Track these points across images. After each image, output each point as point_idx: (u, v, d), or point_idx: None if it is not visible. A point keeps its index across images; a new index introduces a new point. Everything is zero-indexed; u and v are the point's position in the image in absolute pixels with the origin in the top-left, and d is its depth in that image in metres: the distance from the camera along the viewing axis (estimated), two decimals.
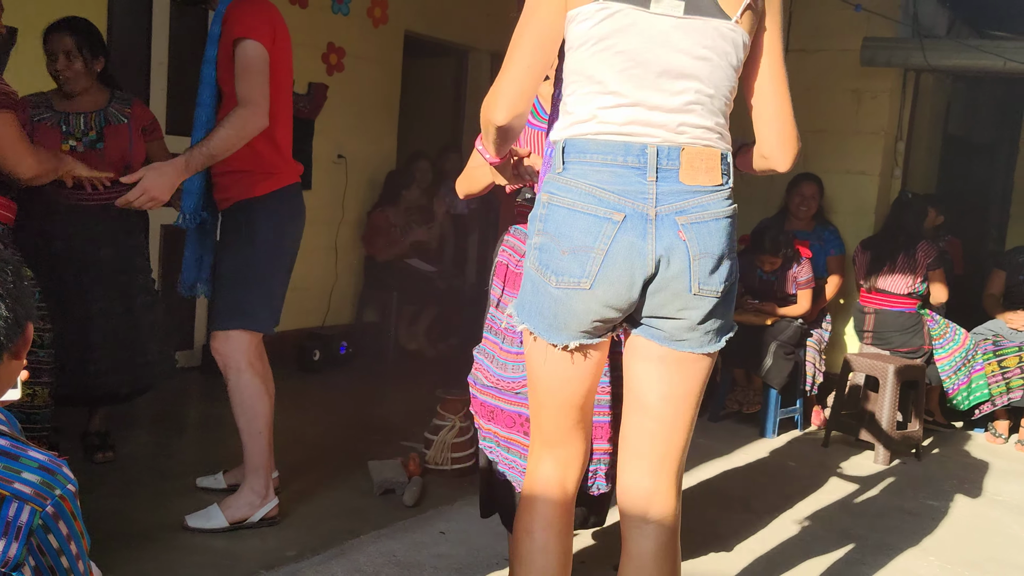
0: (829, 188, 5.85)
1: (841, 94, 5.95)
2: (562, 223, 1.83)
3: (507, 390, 2.51)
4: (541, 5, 1.83)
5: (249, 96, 2.95)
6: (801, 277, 5.26)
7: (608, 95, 1.81)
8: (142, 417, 4.63)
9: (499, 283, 2.62)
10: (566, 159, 1.85)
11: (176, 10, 5.10)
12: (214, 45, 3.08)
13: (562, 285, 1.84)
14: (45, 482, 1.35)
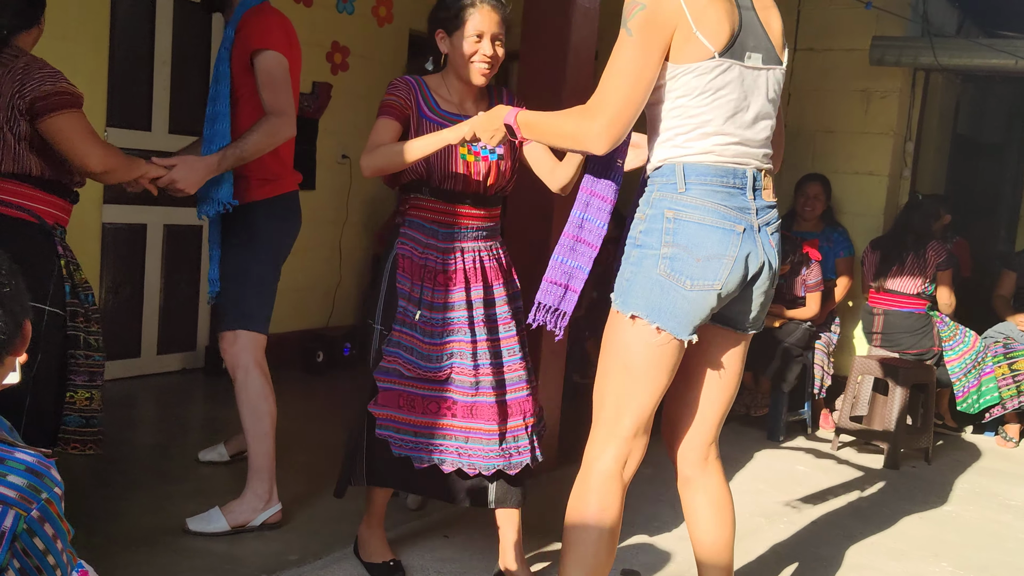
0: (837, 189, 5.81)
1: (849, 94, 5.91)
2: (694, 235, 2.16)
3: (434, 379, 2.71)
4: (653, 53, 2.12)
5: (279, 106, 3.10)
6: (810, 280, 5.21)
7: (720, 135, 2.19)
8: (144, 419, 4.61)
9: (406, 276, 2.75)
10: (687, 181, 2.18)
11: (179, 10, 5.06)
12: (228, 45, 3.18)
13: (696, 288, 2.16)
14: (31, 485, 1.31)
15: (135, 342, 5.11)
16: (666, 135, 2.22)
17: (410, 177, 2.77)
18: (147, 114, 4.99)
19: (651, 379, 2.23)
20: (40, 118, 2.64)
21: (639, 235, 2.24)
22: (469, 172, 2.77)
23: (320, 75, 5.80)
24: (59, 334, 2.71)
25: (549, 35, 3.76)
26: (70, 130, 2.68)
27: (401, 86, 2.79)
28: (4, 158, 2.65)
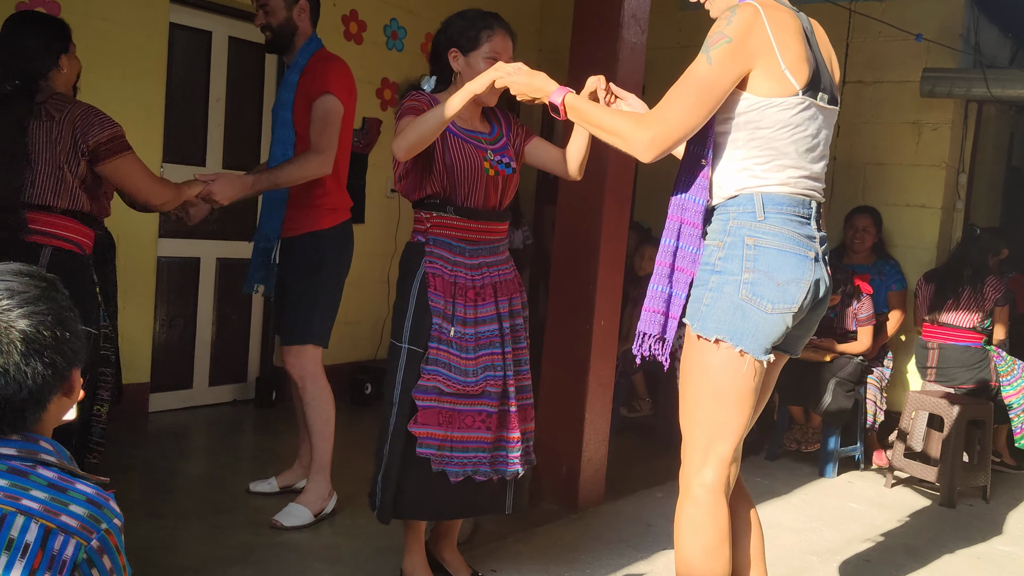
0: (889, 222, 5.74)
1: (900, 126, 5.85)
2: (774, 261, 2.26)
3: (472, 394, 2.79)
4: (726, 85, 2.21)
5: (321, 145, 3.40)
6: (861, 313, 5.14)
7: (795, 168, 2.30)
8: (196, 449, 4.67)
9: (439, 294, 2.82)
10: (766, 210, 2.28)
11: (234, 49, 5.19)
12: (290, 91, 3.49)
13: (776, 311, 2.26)
14: (92, 515, 1.34)
15: (187, 374, 5.19)
16: (743, 164, 2.30)
17: (433, 191, 2.83)
18: (202, 149, 5.11)
19: (740, 401, 2.31)
20: (102, 161, 2.85)
21: (717, 262, 2.30)
22: (489, 188, 2.86)
23: (370, 111, 5.89)
24: (94, 354, 2.89)
25: (596, 70, 3.78)
26: (131, 170, 2.92)
27: (422, 97, 2.84)
28: (61, 196, 2.84)
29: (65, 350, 1.41)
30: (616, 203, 3.86)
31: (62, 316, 1.42)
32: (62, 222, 2.85)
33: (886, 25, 5.69)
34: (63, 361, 1.40)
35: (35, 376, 1.37)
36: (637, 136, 2.23)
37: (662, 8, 6.22)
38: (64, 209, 2.85)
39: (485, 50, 2.84)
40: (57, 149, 2.80)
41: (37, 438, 1.40)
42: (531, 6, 7.04)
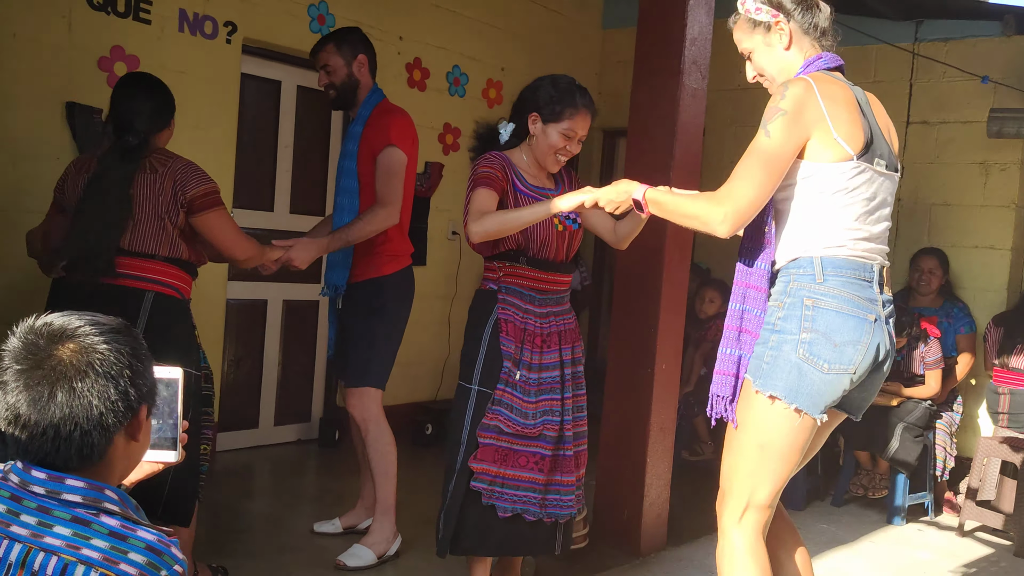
0: (956, 263, 5.64)
1: (967, 167, 5.76)
2: (832, 322, 2.33)
3: (529, 435, 2.92)
4: (787, 155, 2.32)
5: (388, 197, 3.52)
6: (929, 357, 5.05)
7: (853, 231, 2.38)
8: (261, 489, 4.74)
9: (511, 339, 2.96)
10: (825, 273, 2.36)
11: (301, 98, 5.34)
12: (355, 142, 3.62)
13: (832, 371, 2.32)
14: (151, 563, 1.36)
15: (254, 413, 5.29)
16: (803, 228, 2.40)
17: (507, 247, 3.00)
18: (270, 196, 5.25)
19: (787, 456, 2.40)
20: (197, 213, 3.03)
21: (777, 321, 2.39)
22: (559, 242, 3.04)
23: (432, 155, 5.99)
24: (196, 394, 3.06)
25: (657, 115, 3.83)
26: (221, 224, 3.09)
27: (495, 161, 2.98)
28: (162, 244, 3.02)
29: (138, 383, 1.45)
30: (677, 246, 3.87)
31: (138, 352, 1.47)
32: (164, 268, 3.03)
33: (950, 66, 5.64)
34: (135, 394, 1.44)
35: (106, 401, 1.40)
36: (713, 216, 2.35)
37: (725, 51, 6.25)
38: (166, 256, 3.03)
39: (564, 125, 2.99)
40: (160, 200, 2.99)
41: (103, 487, 1.41)
42: (592, 49, 7.12)
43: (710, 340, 5.72)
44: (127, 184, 2.96)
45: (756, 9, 2.50)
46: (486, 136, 3.14)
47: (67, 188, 3.11)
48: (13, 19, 4.03)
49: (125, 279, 2.96)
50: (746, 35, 2.56)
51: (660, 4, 3.85)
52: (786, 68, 2.50)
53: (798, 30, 2.48)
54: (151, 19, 4.49)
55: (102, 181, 2.96)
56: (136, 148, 3.00)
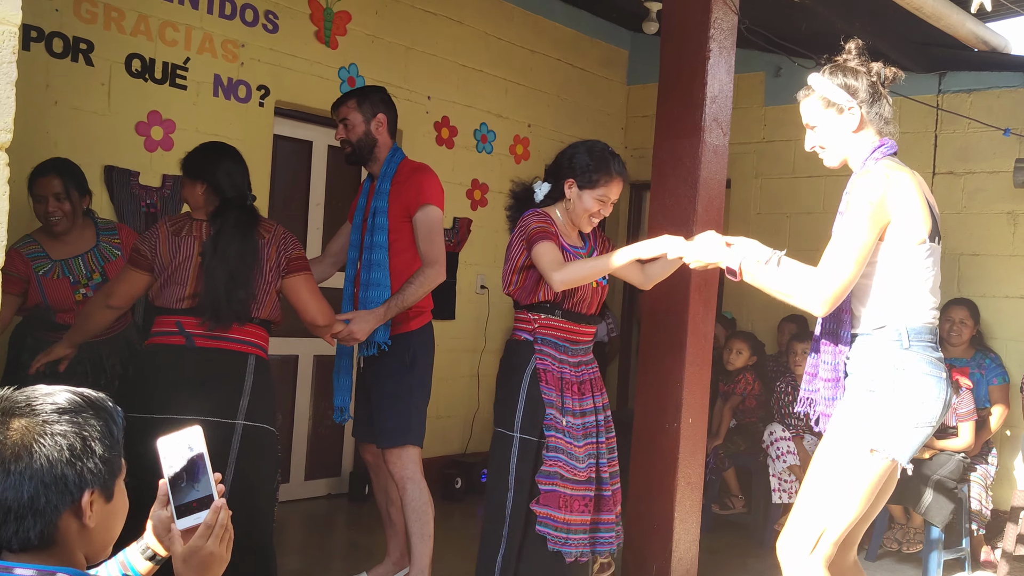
0: (987, 313, 5.60)
1: (995, 216, 5.75)
2: (920, 383, 2.61)
3: (581, 479, 3.06)
4: (872, 236, 2.59)
5: (434, 256, 3.59)
6: (961, 408, 4.99)
7: (926, 302, 2.68)
8: (292, 544, 4.76)
9: (550, 387, 3.09)
10: (911, 339, 2.64)
11: (332, 156, 5.47)
12: (384, 199, 3.66)
13: (921, 424, 2.61)
14: None
15: (285, 468, 5.34)
16: (886, 300, 2.67)
17: (545, 298, 3.15)
18: None
19: (867, 498, 2.66)
20: (289, 275, 3.17)
21: (870, 383, 2.66)
22: (592, 296, 3.20)
23: (460, 211, 6.08)
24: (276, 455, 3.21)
25: (679, 172, 3.88)
26: (309, 288, 3.23)
27: (545, 216, 3.16)
28: (265, 306, 3.15)
29: (80, 467, 1.39)
30: (701, 299, 3.89)
31: (87, 434, 1.41)
32: (258, 331, 3.17)
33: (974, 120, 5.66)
34: (75, 478, 1.39)
35: (38, 485, 1.37)
36: (813, 299, 2.60)
37: (748, 105, 6.33)
38: (263, 320, 3.16)
39: (599, 192, 3.17)
40: (268, 265, 3.13)
41: (54, 571, 1.38)
42: (617, 104, 7.22)
43: (739, 393, 5.70)
44: (254, 249, 3.10)
45: (832, 92, 2.73)
46: (522, 195, 3.30)
47: (159, 250, 3.13)
48: (55, 87, 4.19)
49: (227, 342, 3.09)
50: (817, 112, 2.79)
51: (680, 63, 3.92)
52: (851, 148, 2.76)
53: (866, 116, 2.73)
54: (187, 84, 4.64)
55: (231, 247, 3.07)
56: (254, 213, 3.18)
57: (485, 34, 6.14)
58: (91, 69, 4.30)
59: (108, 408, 1.47)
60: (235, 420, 3.05)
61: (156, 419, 2.82)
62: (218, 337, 3.07)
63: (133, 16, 4.43)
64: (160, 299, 3.14)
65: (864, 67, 2.76)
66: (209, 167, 3.20)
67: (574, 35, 6.80)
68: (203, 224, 3.16)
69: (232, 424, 3.04)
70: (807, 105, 2.80)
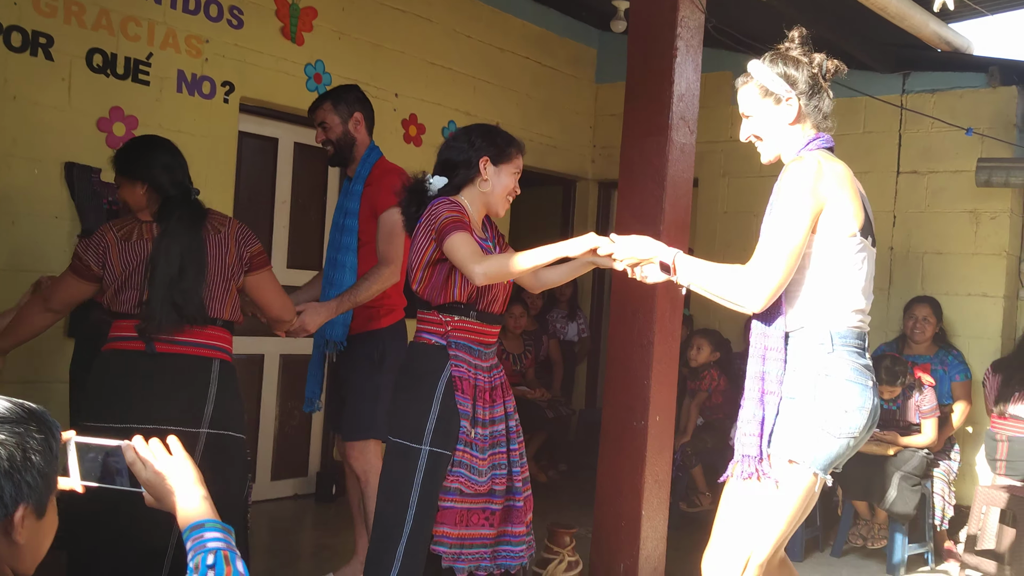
0: (950, 311, 5.67)
1: (958, 215, 5.82)
2: (842, 390, 2.48)
3: (481, 493, 2.85)
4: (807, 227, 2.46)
5: (391, 256, 3.56)
6: (924, 405, 5.05)
7: (854, 303, 2.54)
8: (257, 546, 4.71)
9: (466, 397, 2.84)
10: (834, 343, 2.51)
11: (298, 155, 5.42)
12: (355, 200, 3.66)
13: (842, 435, 2.48)
14: None
15: (251, 468, 5.28)
16: (811, 298, 2.54)
17: (458, 298, 2.85)
18: (268, 251, 5.27)
19: (796, 517, 2.54)
20: (252, 272, 3.06)
21: (790, 389, 2.53)
22: (502, 294, 2.98)
23: None
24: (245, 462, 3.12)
25: (647, 170, 3.88)
26: (271, 284, 3.14)
27: (456, 205, 2.88)
28: (226, 306, 3.02)
29: (17, 480, 1.34)
30: (668, 297, 3.90)
31: (26, 445, 1.36)
32: (221, 334, 3.02)
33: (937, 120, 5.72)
34: (12, 491, 1.34)
35: None
36: (746, 296, 2.49)
37: (715, 104, 6.35)
38: (224, 321, 3.01)
39: (514, 165, 3.00)
40: (226, 261, 2.99)
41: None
42: (586, 103, 7.23)
43: (705, 389, 5.73)
44: (200, 246, 2.93)
45: (771, 81, 2.62)
46: (416, 189, 3.00)
47: (110, 260, 2.96)
48: (13, 82, 4.11)
49: (189, 347, 2.92)
50: (754, 101, 2.67)
51: (648, 61, 3.93)
52: (786, 140, 2.65)
53: (804, 109, 2.62)
54: (150, 80, 4.58)
55: (177, 244, 2.90)
56: (199, 209, 3.00)
57: (454, 31, 6.12)
58: (51, 64, 4.23)
59: (48, 421, 1.42)
60: (199, 429, 2.91)
61: (115, 428, 2.63)
62: (179, 342, 2.90)
63: (94, 10, 4.36)
64: (115, 304, 2.98)
65: (806, 57, 2.64)
66: (145, 165, 3.00)
67: (543, 33, 6.79)
68: (152, 225, 2.99)
69: (196, 433, 2.89)
70: (744, 93, 2.69)
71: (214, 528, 1.53)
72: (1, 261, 4.11)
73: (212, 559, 1.47)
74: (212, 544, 1.49)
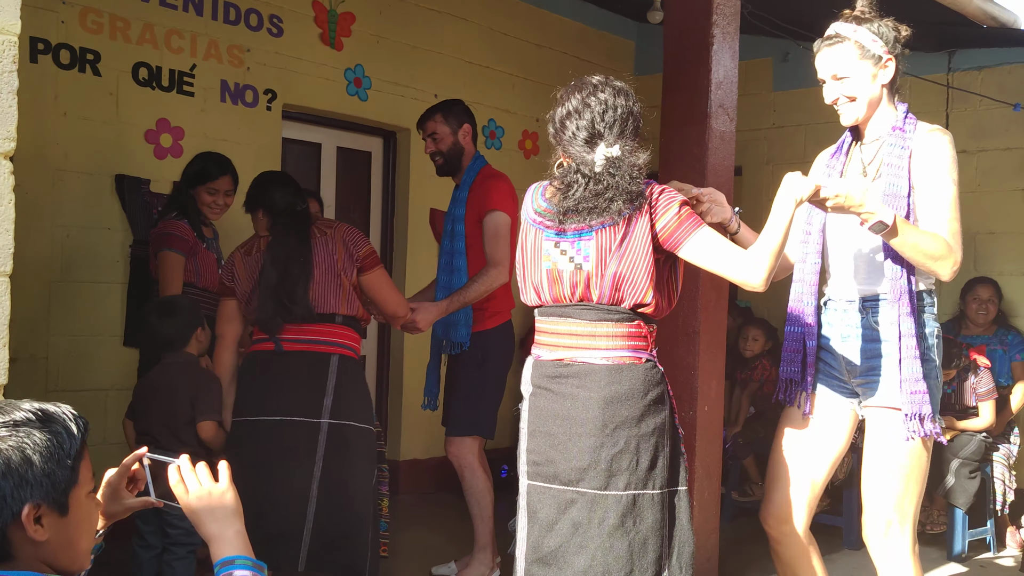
0: (1007, 290, 5.55)
1: (1010, 193, 5.69)
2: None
3: None
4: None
5: (498, 258, 3.77)
6: (981, 388, 4.95)
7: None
8: None
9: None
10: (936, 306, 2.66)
11: (341, 158, 5.48)
12: (462, 207, 3.87)
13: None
14: None
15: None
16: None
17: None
18: None
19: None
20: (367, 271, 3.27)
21: (926, 351, 2.58)
22: None
23: None
24: (372, 452, 3.28)
25: (687, 159, 3.86)
26: (386, 281, 3.37)
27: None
28: (340, 301, 3.22)
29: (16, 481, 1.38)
30: (713, 287, 3.88)
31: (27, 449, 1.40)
32: (343, 331, 3.24)
33: (985, 97, 5.61)
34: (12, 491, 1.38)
35: None
36: (948, 261, 2.50)
37: (756, 91, 6.29)
38: (344, 317, 3.23)
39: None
40: (334, 259, 3.21)
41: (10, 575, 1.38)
42: None
43: (756, 380, 5.68)
44: (306, 246, 3.19)
45: (872, 40, 2.58)
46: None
47: (237, 275, 3.31)
48: (63, 98, 4.22)
49: (311, 344, 3.18)
50: (850, 62, 2.60)
51: (684, 50, 3.91)
52: (879, 102, 2.64)
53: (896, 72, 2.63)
54: (194, 91, 4.67)
55: (281, 249, 3.19)
56: (305, 212, 3.30)
57: (490, 30, 6.14)
58: (98, 79, 4.33)
59: (62, 421, 1.46)
60: (320, 419, 3.13)
61: (249, 421, 3.15)
62: (302, 340, 3.18)
63: (138, 25, 4.46)
64: (249, 313, 3.29)
65: (886, 20, 2.62)
66: (259, 196, 3.38)
67: (579, 28, 6.78)
68: (266, 239, 3.32)
69: (317, 423, 3.13)
70: (838, 53, 2.60)
71: (244, 567, 1.54)
72: (57, 273, 4.22)
73: None
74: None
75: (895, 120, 2.63)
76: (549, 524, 2.34)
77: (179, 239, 3.79)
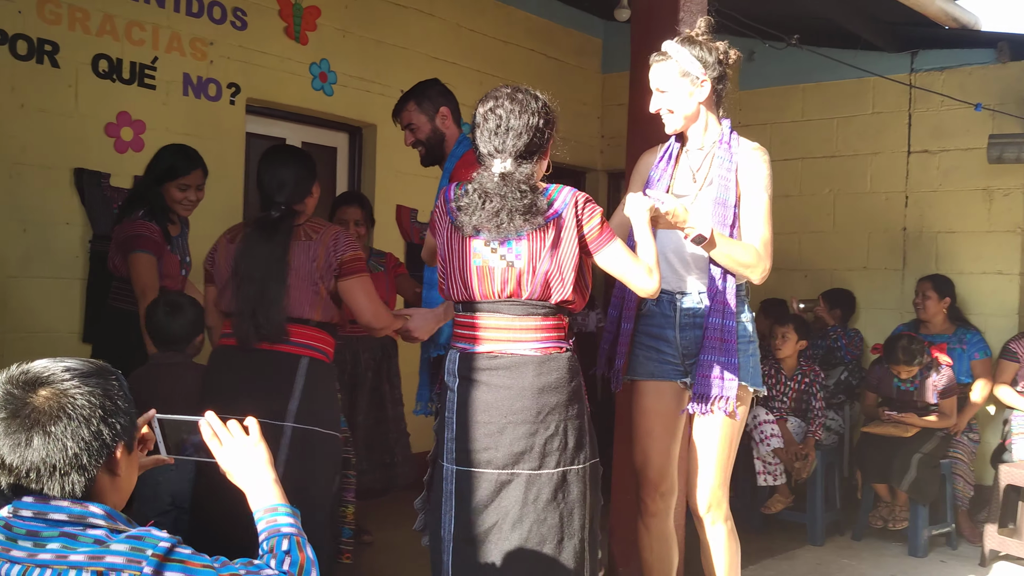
0: (966, 290, 5.63)
1: (970, 193, 5.77)
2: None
3: None
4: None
5: None
6: (942, 385, 5.01)
7: None
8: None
9: None
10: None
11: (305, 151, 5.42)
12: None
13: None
14: (134, 547, 1.46)
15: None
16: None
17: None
18: None
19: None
20: (344, 277, 3.12)
21: (749, 332, 2.96)
22: None
23: None
24: (337, 457, 3.20)
25: None
26: (365, 290, 3.16)
27: None
28: (315, 308, 3.11)
29: (111, 423, 1.54)
30: None
31: (111, 393, 1.56)
32: (315, 333, 3.13)
33: (947, 96, 5.68)
34: (109, 433, 1.54)
35: (79, 442, 1.50)
36: (760, 269, 2.83)
37: None
38: (318, 321, 3.12)
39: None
40: (313, 266, 3.09)
41: (87, 503, 1.52)
42: (593, 94, 7.21)
43: None
44: (280, 256, 3.06)
45: (691, 62, 2.87)
46: None
47: (217, 259, 3.22)
48: (20, 89, 4.13)
49: (281, 344, 3.07)
50: (671, 79, 2.91)
51: (650, 48, 3.86)
52: (696, 117, 2.95)
53: (714, 91, 2.93)
54: (156, 84, 4.59)
55: (252, 254, 3.07)
56: (278, 221, 3.11)
57: (457, 26, 6.11)
58: (57, 71, 4.25)
59: (114, 370, 1.62)
60: (283, 422, 3.02)
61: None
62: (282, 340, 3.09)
63: (98, 16, 4.38)
64: (221, 303, 3.20)
65: (711, 44, 2.89)
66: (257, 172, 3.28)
67: (547, 25, 6.77)
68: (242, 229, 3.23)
69: (280, 426, 3.00)
70: (662, 69, 2.92)
71: (286, 513, 1.66)
72: (13, 268, 4.13)
73: (287, 544, 1.60)
74: (286, 529, 1.63)
75: (721, 135, 2.94)
76: (482, 506, 2.51)
77: (150, 240, 3.68)
